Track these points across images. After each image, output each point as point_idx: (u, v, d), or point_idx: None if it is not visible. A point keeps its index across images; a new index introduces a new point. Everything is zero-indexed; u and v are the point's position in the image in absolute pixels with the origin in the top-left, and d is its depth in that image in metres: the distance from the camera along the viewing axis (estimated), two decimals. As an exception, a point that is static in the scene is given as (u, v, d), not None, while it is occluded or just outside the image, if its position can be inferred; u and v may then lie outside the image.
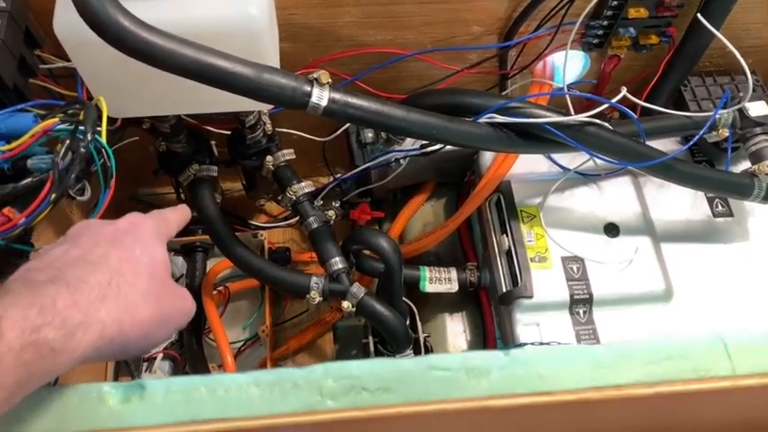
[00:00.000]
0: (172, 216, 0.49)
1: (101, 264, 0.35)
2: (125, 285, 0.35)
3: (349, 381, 0.33)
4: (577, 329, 0.66)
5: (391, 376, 0.33)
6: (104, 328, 0.33)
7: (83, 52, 0.50)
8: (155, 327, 0.37)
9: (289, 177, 0.70)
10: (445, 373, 0.33)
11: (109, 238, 0.38)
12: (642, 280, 0.67)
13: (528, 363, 0.34)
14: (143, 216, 0.43)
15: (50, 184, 0.40)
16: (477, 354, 0.34)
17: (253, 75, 0.48)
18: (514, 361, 0.34)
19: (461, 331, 0.79)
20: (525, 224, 0.69)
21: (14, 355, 0.29)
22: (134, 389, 0.32)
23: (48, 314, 0.30)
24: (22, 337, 0.29)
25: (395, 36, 0.69)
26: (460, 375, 0.33)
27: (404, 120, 0.54)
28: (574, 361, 0.34)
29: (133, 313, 0.35)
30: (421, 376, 0.33)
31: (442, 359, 0.33)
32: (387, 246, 0.64)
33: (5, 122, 0.43)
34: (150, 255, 0.39)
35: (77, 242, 0.37)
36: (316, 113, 0.52)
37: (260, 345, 0.79)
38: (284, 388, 0.33)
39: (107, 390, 0.32)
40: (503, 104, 0.58)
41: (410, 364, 0.33)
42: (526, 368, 0.34)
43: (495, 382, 0.33)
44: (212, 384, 0.33)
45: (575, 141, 0.58)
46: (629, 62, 0.74)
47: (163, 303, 0.38)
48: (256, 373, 0.33)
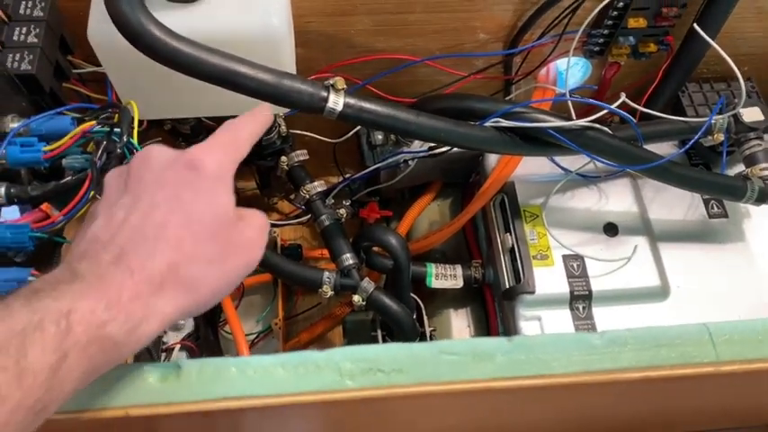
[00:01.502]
0: (245, 133, 0.44)
1: (159, 240, 0.35)
2: (185, 264, 0.35)
3: (366, 363, 0.36)
4: (577, 324, 0.69)
5: (404, 359, 0.36)
6: (165, 317, 0.34)
7: (114, 58, 0.53)
8: (216, 295, 0.37)
9: (302, 177, 0.73)
10: (454, 357, 0.36)
11: (167, 192, 0.36)
12: (639, 277, 0.70)
13: (529, 348, 0.37)
14: (207, 149, 0.40)
15: (89, 183, 0.43)
16: (483, 340, 0.37)
17: (273, 81, 0.51)
18: (517, 347, 0.37)
19: (466, 326, 0.82)
20: (528, 223, 0.72)
21: (81, 348, 0.30)
22: (171, 368, 0.36)
23: (113, 309, 0.31)
24: (89, 332, 0.30)
25: (405, 43, 0.72)
26: (468, 359, 0.36)
27: (413, 123, 0.57)
28: (570, 347, 0.37)
29: (194, 293, 0.35)
30: (432, 359, 0.36)
31: (451, 344, 0.37)
32: (396, 243, 0.68)
33: (45, 125, 0.46)
34: (213, 209, 0.37)
35: (137, 197, 0.36)
36: (331, 117, 0.55)
37: (272, 337, 0.82)
38: (307, 369, 0.36)
39: (147, 369, 0.36)
40: (507, 109, 0.61)
41: (422, 348, 0.37)
42: (527, 353, 0.37)
43: (499, 366, 0.36)
44: (242, 365, 0.36)
45: (575, 145, 0.61)
46: (629, 69, 0.77)
47: (227, 267, 0.37)
48: (282, 356, 0.36)
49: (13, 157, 0.44)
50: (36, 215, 0.48)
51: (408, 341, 0.72)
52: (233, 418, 0.37)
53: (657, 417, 0.46)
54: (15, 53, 0.50)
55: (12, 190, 0.43)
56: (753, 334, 0.38)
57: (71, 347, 0.30)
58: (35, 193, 0.44)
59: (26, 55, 0.50)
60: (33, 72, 0.50)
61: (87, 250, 0.34)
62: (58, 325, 0.30)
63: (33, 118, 0.47)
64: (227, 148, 0.41)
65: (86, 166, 0.48)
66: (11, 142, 0.44)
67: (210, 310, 0.79)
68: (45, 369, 0.29)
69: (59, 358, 0.29)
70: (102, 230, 0.35)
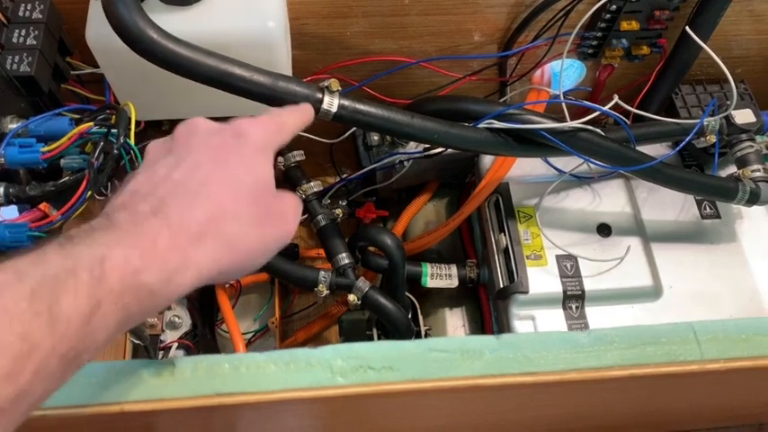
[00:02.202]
0: (290, 121, 0.45)
1: (201, 195, 0.34)
2: (225, 220, 0.34)
3: (357, 360, 0.37)
4: (570, 323, 0.69)
5: (395, 356, 0.37)
6: (201, 269, 0.33)
7: (112, 60, 0.54)
8: (253, 259, 0.37)
9: (299, 177, 0.74)
10: (443, 354, 0.37)
11: (212, 154, 0.37)
12: (632, 277, 0.71)
13: (516, 346, 0.38)
14: (254, 122, 0.41)
15: (86, 183, 0.44)
16: (471, 338, 0.38)
17: (269, 83, 0.52)
18: (504, 344, 0.38)
19: (461, 325, 0.83)
20: (522, 224, 0.73)
21: (115, 297, 0.29)
22: (166, 365, 0.37)
23: (148, 257, 0.30)
24: (123, 280, 0.29)
25: (400, 45, 0.73)
26: (456, 356, 0.37)
27: (408, 125, 0.58)
28: (558, 345, 0.38)
29: (232, 250, 0.35)
30: (421, 356, 0.37)
31: (439, 342, 0.37)
32: (391, 243, 0.68)
33: (44, 126, 0.47)
34: (255, 175, 0.37)
35: (182, 157, 0.36)
36: (326, 118, 0.56)
37: (269, 336, 0.83)
38: (299, 366, 0.37)
39: (142, 366, 0.36)
40: (501, 111, 0.62)
41: (411, 346, 0.37)
42: (515, 351, 0.38)
43: (487, 363, 0.37)
44: (234, 362, 0.37)
45: (568, 146, 0.61)
46: (623, 71, 0.78)
47: (264, 231, 0.37)
48: (273, 353, 0.37)
49: (12, 157, 0.45)
50: (34, 214, 0.49)
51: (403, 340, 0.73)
52: (227, 413, 0.37)
53: (645, 416, 0.46)
54: (14, 55, 0.51)
55: (10, 190, 0.44)
56: (737, 332, 0.38)
57: (105, 296, 0.29)
58: (33, 192, 0.44)
59: (25, 57, 0.51)
60: (32, 74, 0.51)
61: (126, 201, 0.34)
62: (92, 272, 0.29)
63: (32, 119, 0.47)
64: (273, 128, 0.43)
65: (84, 166, 0.48)
66: (9, 143, 0.45)
67: (208, 309, 0.81)
68: (78, 316, 0.28)
69: (93, 306, 0.28)
70: (142, 184, 0.35)
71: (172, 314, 0.79)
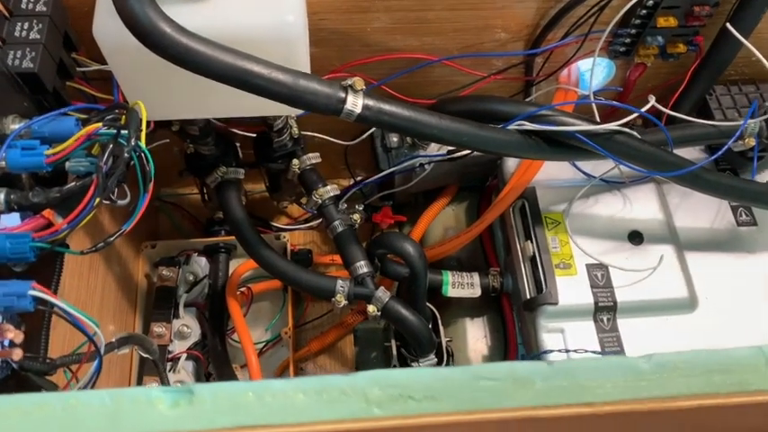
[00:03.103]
0: None
1: None
2: None
3: (395, 389, 0.33)
4: (601, 336, 0.66)
5: (438, 385, 0.33)
6: None
7: (121, 56, 0.50)
8: None
9: (314, 181, 0.70)
10: (491, 382, 0.33)
11: None
12: (666, 288, 0.67)
13: (571, 373, 0.34)
14: None
15: (94, 189, 0.40)
16: (522, 364, 0.34)
17: (289, 81, 0.49)
18: (558, 371, 0.34)
19: (482, 336, 0.79)
20: (550, 231, 0.69)
21: None
22: (183, 394, 0.33)
23: None
24: None
25: (422, 42, 0.69)
26: (507, 385, 0.33)
27: (435, 127, 0.54)
28: (616, 372, 0.34)
29: None
30: (467, 385, 0.33)
31: (487, 369, 0.34)
32: (412, 251, 0.65)
33: (48, 127, 0.44)
34: None
35: None
36: (349, 120, 0.52)
37: (282, 345, 0.80)
38: (330, 395, 0.33)
39: (156, 395, 0.33)
40: (533, 112, 0.58)
41: (456, 373, 0.34)
42: (569, 379, 0.34)
43: (539, 393, 0.33)
44: (260, 390, 0.33)
45: (604, 150, 0.58)
46: (655, 70, 0.74)
47: None
48: (303, 380, 0.33)
49: (14, 161, 0.41)
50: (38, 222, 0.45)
51: (424, 353, 0.69)
52: (249, 446, 0.34)
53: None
54: (17, 50, 0.48)
55: (12, 196, 0.41)
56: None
57: None
58: (37, 199, 0.41)
59: (28, 52, 0.48)
60: (35, 70, 0.47)
61: None
62: None
63: (35, 119, 0.44)
64: None
65: (91, 170, 0.45)
66: (11, 145, 0.41)
67: (218, 318, 0.77)
68: None
69: None
70: None
71: (180, 323, 0.76)
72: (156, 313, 0.75)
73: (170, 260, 0.79)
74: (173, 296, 0.77)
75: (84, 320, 0.41)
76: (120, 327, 0.73)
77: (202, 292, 0.79)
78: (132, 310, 0.77)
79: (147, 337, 0.55)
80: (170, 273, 0.77)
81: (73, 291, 0.61)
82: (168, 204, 0.87)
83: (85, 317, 0.41)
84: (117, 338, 0.52)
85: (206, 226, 0.85)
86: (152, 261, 0.81)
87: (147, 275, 0.81)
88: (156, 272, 0.78)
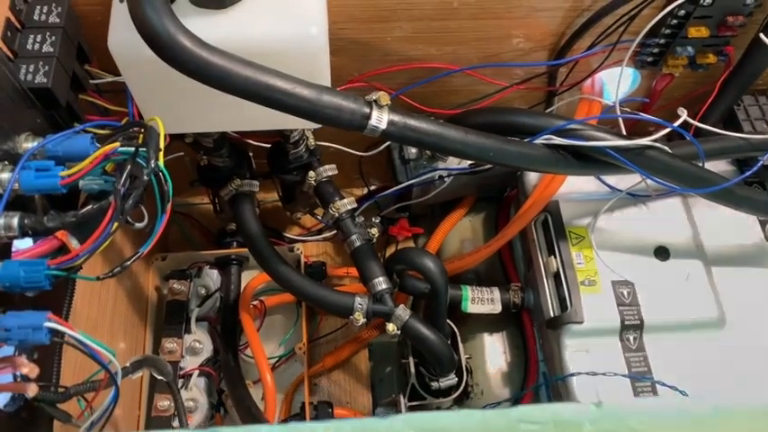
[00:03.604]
0: None
1: None
2: None
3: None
4: (628, 356, 0.64)
5: (478, 429, 0.31)
6: None
7: (137, 69, 0.48)
8: None
9: (331, 193, 0.68)
10: (534, 426, 0.32)
11: None
12: (694, 306, 0.65)
13: (621, 417, 0.32)
14: None
15: (112, 212, 0.38)
16: (567, 407, 0.32)
17: (312, 97, 0.47)
18: (607, 415, 0.32)
19: (501, 352, 0.77)
20: (574, 246, 0.67)
21: None
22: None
23: None
24: None
25: (443, 51, 0.67)
26: (550, 429, 0.31)
27: (461, 142, 0.52)
28: (671, 416, 0.32)
29: None
30: (509, 430, 0.31)
31: (530, 412, 0.32)
32: (433, 267, 0.63)
33: (63, 146, 0.42)
34: None
35: None
36: (372, 135, 0.50)
37: (295, 360, 0.78)
38: (366, 440, 0.31)
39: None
40: (561, 126, 0.56)
41: (496, 417, 0.32)
42: (618, 423, 0.32)
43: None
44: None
45: (635, 166, 0.56)
46: (681, 80, 0.72)
47: None
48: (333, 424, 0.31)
49: (28, 183, 0.39)
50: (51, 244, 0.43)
51: (444, 373, 0.67)
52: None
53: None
54: (29, 64, 0.46)
55: (26, 221, 0.39)
56: None
57: None
58: (52, 224, 0.39)
59: (41, 66, 0.46)
60: (49, 85, 0.45)
61: None
62: None
63: (49, 138, 0.42)
64: None
65: (106, 188, 0.43)
66: (25, 167, 0.39)
67: (231, 333, 0.75)
68: None
69: None
70: None
71: (192, 339, 0.74)
72: (167, 328, 0.73)
73: (181, 273, 0.77)
74: (184, 310, 0.75)
75: (100, 351, 0.39)
76: (131, 344, 0.71)
77: (214, 305, 0.77)
78: (143, 325, 0.75)
79: (160, 358, 0.53)
80: (181, 286, 0.76)
81: (84, 308, 0.59)
82: (178, 215, 0.85)
83: (101, 347, 0.39)
84: (131, 362, 0.50)
85: (217, 237, 0.83)
86: (162, 274, 0.79)
87: (157, 288, 0.79)
88: (167, 285, 0.76)
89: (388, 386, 0.81)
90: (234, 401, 0.71)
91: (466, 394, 0.71)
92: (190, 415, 0.70)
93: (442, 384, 0.68)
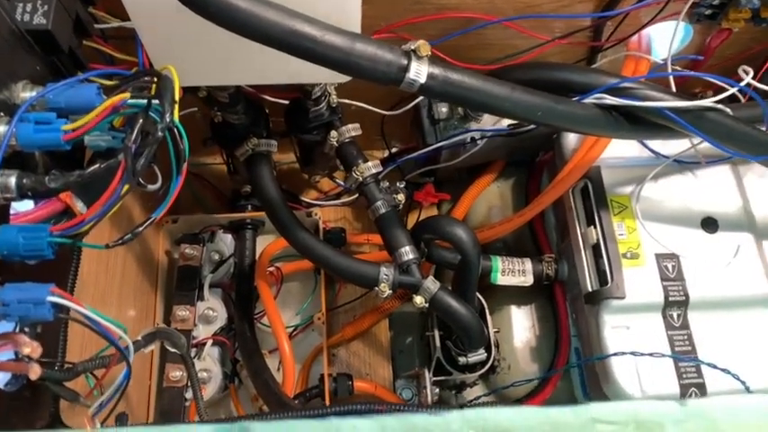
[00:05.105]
0: None
1: None
2: None
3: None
4: (670, 334, 0.60)
5: (547, 430, 0.27)
6: None
7: (148, 13, 0.43)
8: None
9: (354, 155, 0.63)
10: (611, 427, 0.28)
11: None
12: (743, 281, 0.61)
13: (709, 416, 0.28)
14: None
15: (122, 173, 0.34)
16: (647, 405, 0.28)
17: (344, 45, 0.42)
18: (692, 414, 0.28)
19: (530, 325, 0.74)
20: (616, 215, 0.62)
21: None
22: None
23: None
24: None
25: (479, 0, 0.61)
26: (629, 431, 0.27)
27: (508, 100, 0.47)
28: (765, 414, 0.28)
29: None
30: (581, 429, 0.27)
31: (606, 410, 0.28)
32: (465, 237, 0.58)
33: (65, 96, 0.37)
34: None
35: None
36: (409, 90, 0.45)
37: (312, 330, 0.74)
38: (418, 440, 0.27)
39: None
40: (615, 84, 0.51)
41: (569, 415, 0.28)
42: (707, 423, 0.28)
43: (669, 440, 0.27)
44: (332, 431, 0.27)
45: (695, 129, 0.51)
46: (737, 36, 0.66)
47: None
48: (383, 420, 0.27)
49: (26, 138, 0.34)
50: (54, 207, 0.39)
51: (473, 348, 0.64)
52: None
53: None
54: (26, 3, 0.40)
55: (25, 180, 0.34)
56: None
57: None
58: (54, 185, 0.34)
59: (39, 5, 0.40)
60: (49, 27, 0.40)
61: None
62: None
63: (50, 87, 0.37)
64: None
65: (114, 144, 0.38)
66: (23, 119, 0.35)
67: (246, 301, 0.71)
68: None
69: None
70: None
71: (205, 306, 0.70)
72: (178, 295, 0.70)
73: (193, 237, 0.73)
74: (197, 276, 0.71)
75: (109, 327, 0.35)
76: (140, 311, 0.67)
77: (228, 271, 0.73)
78: (153, 292, 0.72)
79: (173, 330, 0.50)
80: (193, 251, 0.71)
81: (92, 276, 0.55)
82: (190, 175, 0.80)
83: (111, 322, 0.35)
84: (143, 336, 0.46)
85: (231, 200, 0.78)
86: (173, 237, 0.75)
87: (167, 252, 0.75)
88: (179, 249, 0.72)
89: (409, 357, 0.78)
90: (250, 372, 0.67)
91: (492, 369, 0.68)
92: (203, 386, 0.67)
93: (469, 359, 0.64)
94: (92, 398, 0.40)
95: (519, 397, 0.71)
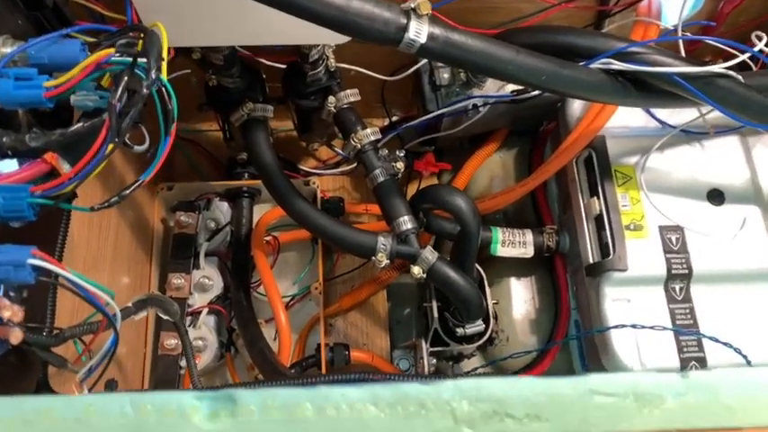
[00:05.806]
0: None
1: None
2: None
3: (489, 404, 0.26)
4: (672, 308, 0.59)
5: (543, 401, 0.26)
6: None
7: (135, -34, 0.41)
8: None
9: (353, 122, 0.62)
10: (610, 399, 0.27)
11: None
12: (748, 255, 0.60)
13: (712, 389, 0.27)
14: None
15: (106, 132, 0.32)
16: (647, 377, 0.27)
17: (340, 2, 0.40)
18: (695, 386, 0.27)
19: (530, 298, 0.73)
20: (620, 186, 0.61)
21: None
22: (223, 402, 0.26)
23: None
24: None
25: (484, -40, 0.59)
26: (628, 403, 0.27)
27: (511, 63, 0.45)
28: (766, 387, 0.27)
29: None
30: (580, 402, 0.26)
31: (605, 382, 0.27)
32: (465, 207, 0.57)
33: (48, 51, 0.35)
34: None
35: None
36: (408, 51, 0.43)
37: (309, 300, 0.74)
38: (408, 410, 0.26)
39: (190, 403, 0.26)
40: (622, 48, 0.49)
41: (566, 387, 0.27)
42: (709, 395, 0.27)
43: (670, 413, 0.27)
44: (319, 400, 0.26)
45: (705, 96, 0.49)
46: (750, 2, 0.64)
47: None
48: (374, 388, 0.26)
49: (6, 94, 0.33)
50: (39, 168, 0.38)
51: (471, 320, 0.63)
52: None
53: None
54: (7, -47, 0.39)
55: (5, 139, 0.33)
56: None
57: None
58: (35, 143, 0.33)
59: (21, -44, 0.39)
60: (31, -21, 0.39)
61: None
62: None
63: (32, 41, 0.35)
64: None
65: (101, 105, 0.37)
66: (2, 74, 0.33)
67: (243, 269, 0.70)
68: None
69: None
70: None
71: (201, 275, 0.69)
72: (173, 263, 0.69)
73: (189, 204, 0.72)
74: (192, 244, 0.70)
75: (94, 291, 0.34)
76: (135, 279, 0.66)
77: (224, 240, 0.72)
78: (147, 260, 0.71)
79: (166, 297, 0.49)
80: (189, 219, 0.70)
81: (83, 241, 0.54)
82: (185, 141, 0.79)
83: (96, 287, 0.34)
84: (134, 302, 0.45)
85: (227, 167, 0.77)
86: (169, 205, 0.74)
87: (163, 220, 0.74)
88: (174, 217, 0.71)
89: (407, 328, 0.77)
90: (245, 341, 0.67)
91: (490, 340, 0.67)
92: (198, 354, 0.67)
93: (467, 331, 0.63)
94: (80, 364, 0.40)
95: (517, 369, 0.70)
